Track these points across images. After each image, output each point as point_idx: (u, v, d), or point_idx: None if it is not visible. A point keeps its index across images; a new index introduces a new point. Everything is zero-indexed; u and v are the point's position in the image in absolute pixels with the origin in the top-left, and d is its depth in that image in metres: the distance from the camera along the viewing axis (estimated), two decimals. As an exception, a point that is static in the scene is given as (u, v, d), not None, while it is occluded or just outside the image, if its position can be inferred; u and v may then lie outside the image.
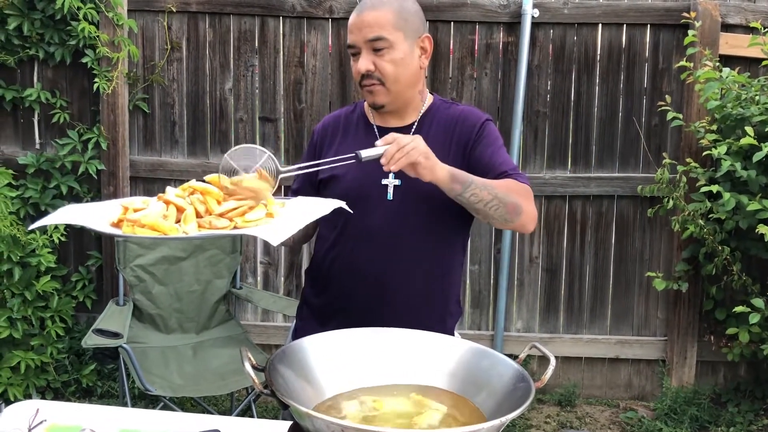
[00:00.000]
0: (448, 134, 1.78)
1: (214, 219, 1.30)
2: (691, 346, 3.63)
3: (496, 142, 1.79)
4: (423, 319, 1.68)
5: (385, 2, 1.71)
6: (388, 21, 1.69)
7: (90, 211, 1.36)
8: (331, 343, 1.41)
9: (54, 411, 1.57)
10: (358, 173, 1.76)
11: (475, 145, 1.76)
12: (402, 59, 1.71)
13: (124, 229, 1.27)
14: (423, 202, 1.73)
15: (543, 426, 3.48)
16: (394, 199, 1.74)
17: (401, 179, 1.74)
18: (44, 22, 3.40)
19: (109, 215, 1.33)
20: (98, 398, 3.50)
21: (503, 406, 1.24)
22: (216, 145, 3.66)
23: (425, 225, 1.74)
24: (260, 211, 1.34)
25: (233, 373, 3.01)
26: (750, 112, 3.05)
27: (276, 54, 3.61)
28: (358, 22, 1.70)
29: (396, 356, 1.40)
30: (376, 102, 1.75)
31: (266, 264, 3.74)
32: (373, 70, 1.70)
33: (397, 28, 1.70)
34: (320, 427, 1.10)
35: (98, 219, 1.31)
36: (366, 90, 1.74)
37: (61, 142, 3.49)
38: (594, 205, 3.68)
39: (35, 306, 3.30)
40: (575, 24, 3.57)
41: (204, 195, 1.34)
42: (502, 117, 3.63)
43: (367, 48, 1.70)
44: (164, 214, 1.30)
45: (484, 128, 1.78)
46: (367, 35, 1.69)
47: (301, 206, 1.48)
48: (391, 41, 1.69)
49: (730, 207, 3.02)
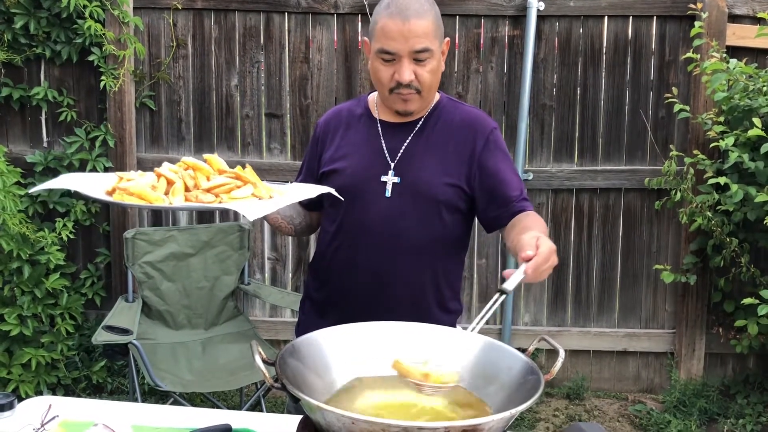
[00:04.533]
0: (452, 135, 1.77)
1: (200, 194, 1.33)
2: (699, 338, 3.63)
3: (507, 156, 1.80)
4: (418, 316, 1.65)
5: (427, 9, 1.66)
6: (432, 31, 1.65)
7: (89, 179, 1.42)
8: (341, 337, 1.41)
9: (66, 407, 1.58)
10: (358, 168, 1.76)
11: (486, 154, 1.75)
12: (437, 67, 1.70)
13: (114, 197, 1.33)
14: (421, 200, 1.73)
15: (551, 419, 3.48)
16: (393, 196, 1.73)
17: (400, 176, 1.73)
18: (50, 20, 3.41)
19: (106, 185, 1.39)
20: (108, 394, 3.52)
21: (512, 398, 1.24)
22: (222, 142, 3.66)
23: (423, 222, 1.73)
24: (246, 190, 1.38)
25: (242, 368, 3.02)
26: (758, 104, 3.04)
27: (281, 50, 3.62)
28: (404, 30, 1.62)
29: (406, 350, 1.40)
30: (409, 110, 1.73)
31: (274, 260, 3.75)
32: (413, 81, 1.66)
33: (436, 37, 1.67)
34: (331, 420, 1.10)
35: (95, 187, 1.38)
36: (400, 98, 1.69)
37: (68, 140, 3.50)
38: (601, 198, 3.67)
39: (45, 303, 3.32)
40: (581, 16, 3.56)
41: (195, 171, 1.38)
42: (508, 111, 3.62)
43: (410, 58, 1.64)
44: (153, 185, 1.35)
45: (494, 138, 1.77)
46: (415, 46, 1.63)
47: (290, 190, 1.51)
48: (433, 51, 1.66)
49: (738, 199, 3.01)
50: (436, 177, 1.73)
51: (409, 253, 1.74)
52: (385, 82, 1.69)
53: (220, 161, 1.44)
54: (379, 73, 1.69)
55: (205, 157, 1.44)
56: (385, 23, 1.64)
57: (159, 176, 1.38)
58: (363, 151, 1.78)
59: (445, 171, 1.73)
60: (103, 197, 1.35)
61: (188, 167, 1.40)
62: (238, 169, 1.42)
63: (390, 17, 1.63)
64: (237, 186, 1.38)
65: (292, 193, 1.49)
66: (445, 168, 1.74)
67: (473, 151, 1.75)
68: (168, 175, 1.37)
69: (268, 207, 1.35)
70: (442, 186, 1.73)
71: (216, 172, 1.41)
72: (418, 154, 1.75)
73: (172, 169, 1.40)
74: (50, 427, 1.47)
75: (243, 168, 1.44)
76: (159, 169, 1.39)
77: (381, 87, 1.73)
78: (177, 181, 1.36)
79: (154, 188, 1.35)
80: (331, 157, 1.81)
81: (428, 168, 1.73)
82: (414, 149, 1.75)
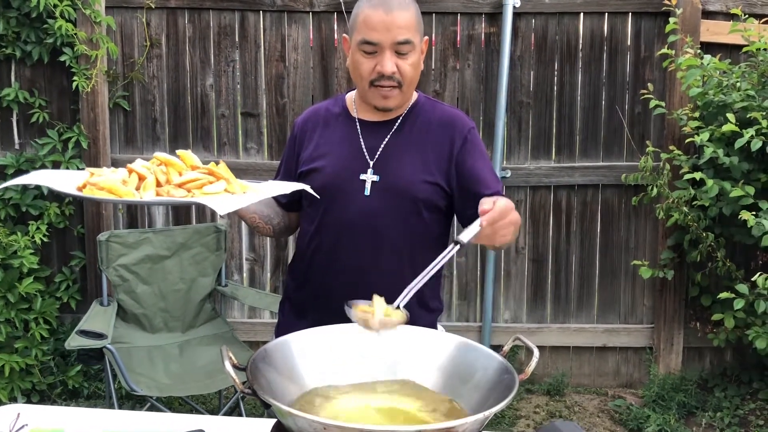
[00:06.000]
0: (430, 134, 1.76)
1: (172, 189, 1.32)
2: (677, 332, 3.65)
3: (484, 155, 1.80)
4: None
5: (409, 2, 1.68)
6: (414, 23, 1.67)
7: (61, 176, 1.42)
8: (314, 340, 1.39)
9: (36, 414, 1.55)
10: (336, 167, 1.75)
11: (464, 153, 1.75)
12: (418, 62, 1.71)
13: (84, 191, 1.32)
14: (401, 198, 1.72)
15: (532, 416, 3.49)
16: (372, 194, 1.73)
17: (379, 175, 1.73)
18: (20, 20, 3.35)
19: (78, 181, 1.38)
20: (85, 399, 3.47)
21: (488, 398, 1.24)
22: (198, 142, 3.63)
23: (402, 220, 1.73)
24: (219, 185, 1.36)
25: (220, 371, 2.99)
26: (731, 99, 3.06)
27: (257, 49, 3.59)
28: (387, 20, 1.63)
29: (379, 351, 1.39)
30: (389, 105, 1.72)
31: (252, 260, 3.72)
32: (395, 73, 1.67)
33: (417, 31, 1.68)
34: (302, 425, 1.09)
35: (67, 184, 1.36)
36: (381, 92, 1.69)
37: (40, 141, 3.44)
38: (579, 194, 3.68)
39: (18, 308, 3.27)
40: (557, 13, 3.56)
41: (167, 166, 1.37)
42: (485, 108, 3.62)
43: (392, 49, 1.65)
44: (125, 180, 1.35)
45: (472, 137, 1.78)
46: (397, 37, 1.64)
47: (264, 188, 1.49)
48: (415, 44, 1.67)
49: (714, 194, 3.03)
50: (415, 175, 1.73)
51: (389, 251, 1.74)
52: (365, 75, 1.68)
53: (193, 157, 1.42)
54: (361, 66, 1.68)
55: (178, 152, 1.42)
56: (368, 14, 1.65)
57: (131, 172, 1.37)
58: (342, 150, 1.77)
59: (425, 169, 1.73)
60: (73, 192, 1.33)
61: (161, 163, 1.39)
62: (212, 165, 1.40)
63: (373, 8, 1.65)
64: (210, 182, 1.37)
65: (265, 190, 1.48)
66: (425, 166, 1.74)
67: (451, 150, 1.75)
68: (140, 171, 1.36)
69: (240, 202, 1.33)
70: (422, 184, 1.73)
71: (189, 167, 1.39)
72: (397, 153, 1.74)
73: (144, 165, 1.38)
74: (18, 437, 1.44)
75: (216, 164, 1.42)
76: (131, 165, 1.38)
77: (361, 81, 1.71)
78: (148, 176, 1.35)
79: (125, 183, 1.34)
80: (310, 156, 1.80)
81: (407, 166, 1.73)
82: (393, 147, 1.75)
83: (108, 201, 1.33)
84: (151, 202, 1.32)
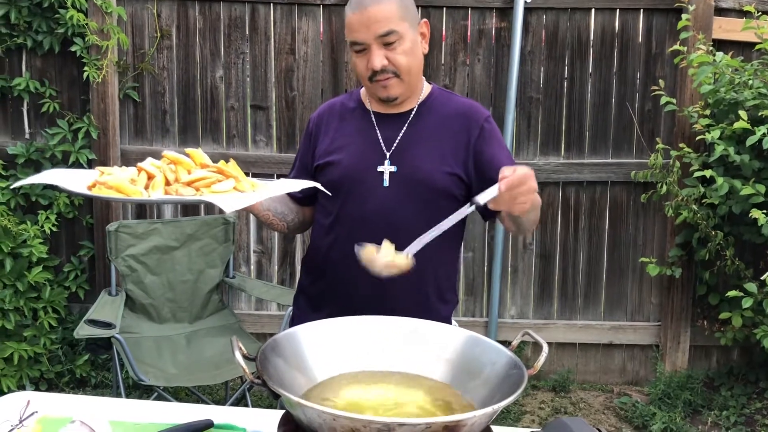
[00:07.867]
0: (447, 124, 1.77)
1: (181, 187, 1.33)
2: (684, 330, 3.64)
3: (501, 143, 1.80)
4: (418, 307, 1.67)
5: None
6: (394, 13, 1.66)
7: (72, 175, 1.42)
8: (323, 332, 1.40)
9: (45, 402, 1.56)
10: (353, 159, 1.75)
11: (481, 143, 1.75)
12: (411, 49, 1.70)
13: (93, 190, 1.33)
14: (419, 189, 1.72)
15: (537, 412, 3.49)
16: (390, 186, 1.73)
17: (397, 166, 1.73)
18: (32, 10, 3.36)
19: (88, 180, 1.38)
20: (92, 388, 3.49)
21: (496, 393, 1.24)
22: (207, 134, 3.63)
23: (421, 212, 1.73)
24: (228, 184, 1.37)
25: (227, 362, 3.00)
26: (743, 97, 3.04)
27: (267, 41, 3.58)
28: (363, 18, 1.65)
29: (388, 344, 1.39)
30: (391, 95, 1.73)
31: (259, 253, 3.73)
32: (387, 65, 1.68)
33: (402, 19, 1.68)
34: (311, 416, 1.09)
35: (77, 183, 1.37)
36: (380, 85, 1.70)
37: (50, 131, 3.45)
38: (587, 191, 3.67)
39: (27, 297, 3.29)
40: (568, 9, 3.55)
41: (176, 165, 1.38)
42: (495, 103, 3.61)
43: (378, 43, 1.66)
44: (133, 178, 1.36)
45: (488, 126, 1.78)
46: (378, 31, 1.65)
47: (273, 186, 1.49)
48: (401, 33, 1.67)
49: (724, 192, 3.02)
50: (433, 165, 1.73)
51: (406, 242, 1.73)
52: (362, 74, 1.72)
53: (203, 155, 1.42)
54: (357, 65, 1.72)
55: (187, 151, 1.43)
56: (349, 17, 1.69)
57: (140, 170, 1.38)
58: (358, 142, 1.77)
59: (442, 160, 1.74)
60: (82, 191, 1.34)
61: (170, 162, 1.39)
62: (221, 164, 1.40)
63: (351, 10, 1.69)
64: (218, 180, 1.37)
65: (274, 187, 1.48)
66: (442, 157, 1.74)
67: (468, 139, 1.75)
68: (149, 170, 1.37)
69: (247, 200, 1.33)
70: (440, 174, 1.73)
71: (198, 166, 1.40)
72: (413, 144, 1.75)
73: (154, 164, 1.39)
74: (28, 423, 1.45)
75: (227, 162, 1.42)
76: (141, 164, 1.39)
77: (362, 79, 1.74)
78: (157, 174, 1.35)
79: (134, 182, 1.35)
80: (326, 149, 1.80)
81: (425, 157, 1.74)
82: (409, 139, 1.75)
83: (117, 200, 1.34)
84: (160, 201, 1.34)
